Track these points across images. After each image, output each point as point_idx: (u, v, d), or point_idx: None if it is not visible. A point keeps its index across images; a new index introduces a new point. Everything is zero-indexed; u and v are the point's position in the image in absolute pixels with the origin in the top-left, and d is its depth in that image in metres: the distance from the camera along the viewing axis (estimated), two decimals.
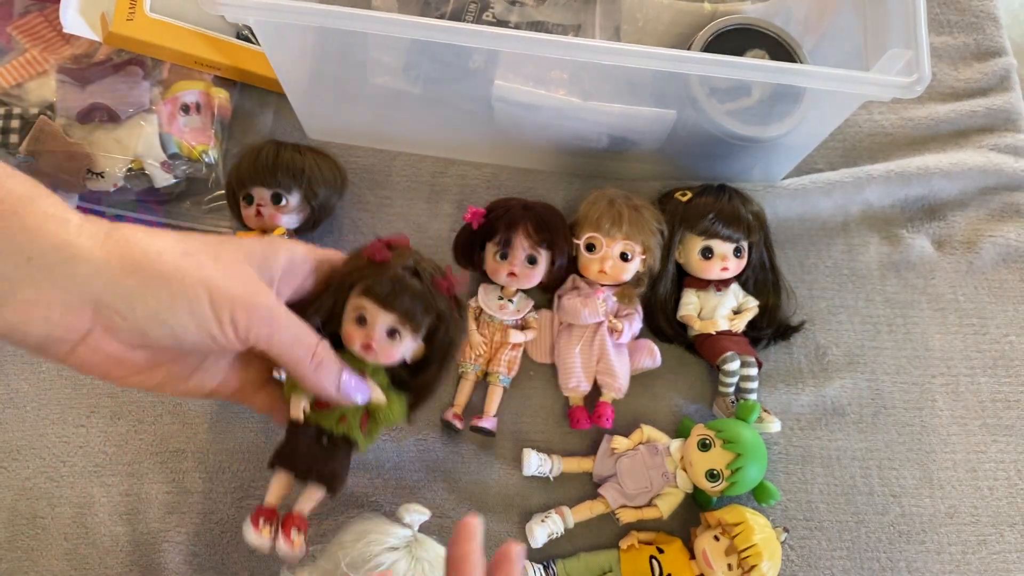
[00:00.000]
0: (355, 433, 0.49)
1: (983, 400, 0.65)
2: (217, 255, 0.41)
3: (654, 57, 0.51)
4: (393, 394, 0.50)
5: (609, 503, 0.58)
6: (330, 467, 0.49)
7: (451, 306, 0.50)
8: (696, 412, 0.63)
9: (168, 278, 0.39)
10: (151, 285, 0.39)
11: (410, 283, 0.48)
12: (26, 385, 0.62)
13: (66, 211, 0.38)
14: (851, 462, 0.63)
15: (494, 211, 0.62)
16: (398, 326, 0.48)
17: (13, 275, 0.36)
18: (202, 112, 0.65)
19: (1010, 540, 0.62)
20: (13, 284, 0.36)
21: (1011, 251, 0.69)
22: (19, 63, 0.64)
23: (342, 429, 0.49)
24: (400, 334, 0.48)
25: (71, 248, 0.37)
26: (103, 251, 0.38)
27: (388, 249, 0.49)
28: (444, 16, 0.68)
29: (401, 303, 0.47)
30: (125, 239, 0.39)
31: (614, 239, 0.61)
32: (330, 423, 0.49)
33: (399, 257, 0.49)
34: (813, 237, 0.69)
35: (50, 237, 0.36)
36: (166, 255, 0.39)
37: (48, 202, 0.37)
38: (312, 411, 0.49)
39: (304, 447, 0.48)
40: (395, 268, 0.48)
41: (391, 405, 0.49)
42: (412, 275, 0.48)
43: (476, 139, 0.68)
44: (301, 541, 0.48)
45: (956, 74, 0.77)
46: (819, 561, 0.60)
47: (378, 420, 0.50)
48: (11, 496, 0.59)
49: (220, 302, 0.40)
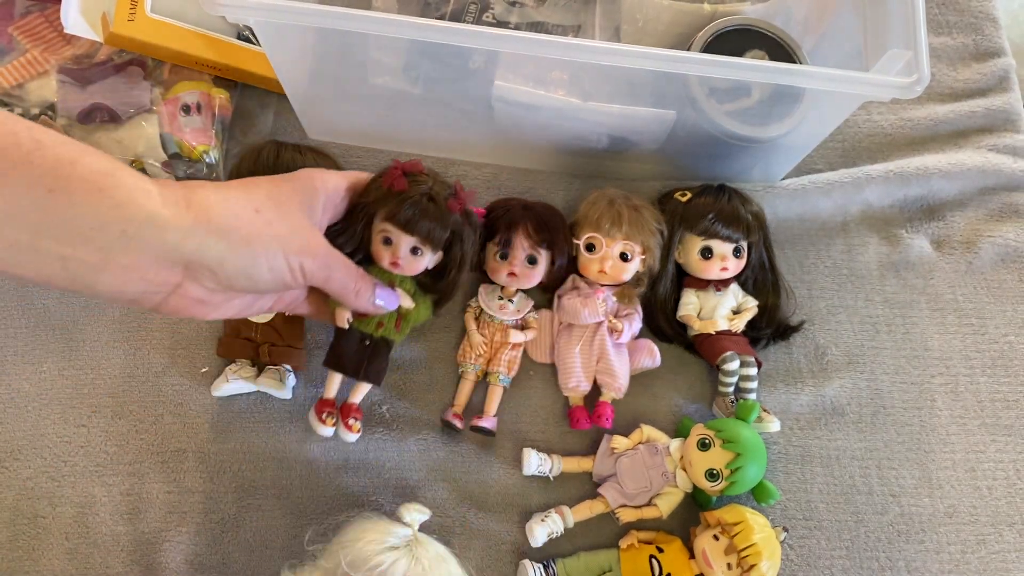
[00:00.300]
0: (391, 334, 0.58)
1: (982, 400, 0.66)
2: (278, 205, 0.47)
3: (654, 58, 0.51)
4: (419, 297, 0.58)
5: (609, 503, 0.59)
6: (373, 366, 0.58)
7: (464, 222, 0.57)
8: (696, 412, 0.63)
9: (251, 241, 0.45)
10: (236, 247, 0.44)
11: (427, 207, 0.55)
12: (27, 385, 0.62)
13: (145, 181, 0.41)
14: (850, 462, 0.63)
15: (494, 211, 0.63)
16: (419, 245, 0.56)
17: (110, 246, 0.40)
18: (203, 112, 0.65)
19: (1009, 539, 0.62)
20: (109, 253, 0.40)
21: (1010, 251, 0.70)
22: (20, 63, 0.64)
23: (380, 332, 0.57)
24: (421, 251, 0.56)
25: (160, 218, 0.40)
26: (189, 218, 0.42)
27: (405, 176, 0.55)
28: (444, 17, 0.68)
29: (421, 227, 0.55)
30: (204, 204, 0.43)
31: (614, 239, 0.61)
32: (370, 328, 0.57)
33: (415, 184, 0.55)
34: (812, 237, 0.70)
35: (139, 210, 0.40)
36: (243, 217, 0.45)
37: (127, 174, 0.40)
38: (354, 320, 0.57)
39: (350, 350, 0.57)
40: (413, 194, 0.55)
41: (418, 308, 0.58)
42: (428, 200, 0.55)
43: (476, 139, 0.68)
44: (358, 426, 0.58)
45: (955, 75, 0.77)
46: (818, 560, 0.60)
47: (408, 320, 0.58)
48: (12, 495, 0.59)
49: (291, 256, 0.47)
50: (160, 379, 0.62)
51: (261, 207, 0.46)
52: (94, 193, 0.39)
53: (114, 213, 0.39)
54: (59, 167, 0.38)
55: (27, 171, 0.37)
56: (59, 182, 0.38)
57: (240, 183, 0.48)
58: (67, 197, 0.38)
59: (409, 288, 0.58)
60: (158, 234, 0.41)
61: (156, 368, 0.62)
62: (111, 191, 0.39)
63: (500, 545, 0.59)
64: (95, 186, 0.39)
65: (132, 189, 0.40)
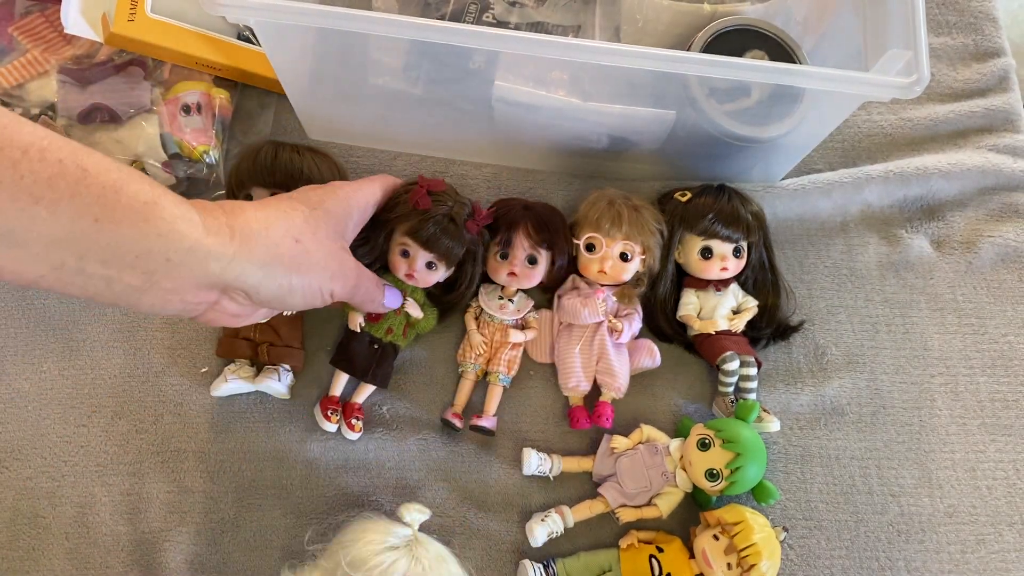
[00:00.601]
0: (399, 340, 0.61)
1: (982, 400, 0.66)
2: (315, 231, 0.49)
3: (653, 58, 0.51)
4: (427, 308, 0.62)
5: (609, 502, 0.59)
6: (381, 369, 0.61)
7: (478, 242, 0.61)
8: (695, 412, 0.63)
9: (288, 269, 0.47)
10: (275, 277, 0.46)
11: (447, 227, 0.58)
12: (27, 385, 0.62)
13: (188, 209, 0.42)
14: (850, 461, 0.63)
15: (494, 211, 0.63)
16: (435, 261, 0.59)
17: (153, 271, 0.41)
18: (203, 112, 0.65)
19: (1009, 539, 0.62)
20: (153, 277, 0.41)
21: (1010, 251, 0.70)
22: (20, 64, 0.64)
23: (389, 338, 0.61)
24: (436, 266, 0.59)
25: (203, 248, 0.42)
26: (232, 248, 0.43)
27: (429, 195, 0.58)
28: (444, 17, 0.68)
29: (440, 245, 0.58)
30: (247, 232, 0.45)
31: (614, 239, 0.61)
32: (379, 333, 0.60)
33: (438, 203, 0.58)
34: (812, 237, 0.70)
35: (183, 239, 0.41)
36: (283, 246, 0.47)
37: (170, 202, 0.41)
38: (366, 324, 0.60)
39: (360, 353, 0.60)
40: (435, 214, 0.58)
41: (426, 317, 0.61)
42: (449, 221, 0.58)
43: (476, 139, 0.68)
44: (360, 425, 0.60)
45: (955, 75, 0.77)
46: (818, 560, 0.60)
47: (416, 328, 0.62)
48: (13, 496, 0.59)
49: (324, 283, 0.50)
50: (160, 379, 0.62)
51: (301, 235, 0.48)
52: (139, 223, 0.40)
53: (158, 242, 0.40)
54: (104, 196, 0.39)
55: (73, 202, 0.38)
56: (105, 211, 0.39)
57: (279, 204, 0.49)
58: (113, 226, 0.39)
59: (419, 298, 0.61)
60: (201, 263, 0.42)
61: (156, 368, 0.63)
62: (155, 221, 0.40)
63: (500, 545, 0.59)
64: (140, 216, 0.40)
65: (176, 219, 0.41)
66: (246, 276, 0.44)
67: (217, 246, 0.43)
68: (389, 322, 0.60)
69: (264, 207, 0.48)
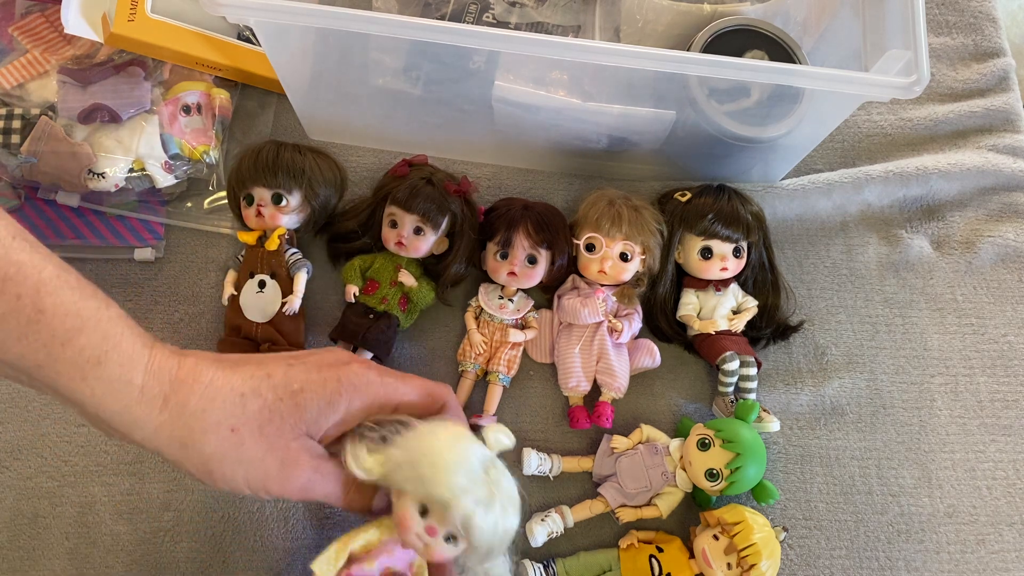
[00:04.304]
0: (395, 310, 0.61)
1: (982, 400, 0.66)
2: (267, 423, 0.45)
3: (653, 58, 0.51)
4: (424, 281, 0.62)
5: (609, 502, 0.59)
6: (373, 334, 0.60)
7: (462, 206, 0.61)
8: (695, 412, 0.63)
9: (208, 457, 0.45)
10: (191, 458, 0.45)
11: (425, 189, 0.60)
12: None
13: (133, 370, 0.43)
14: (850, 461, 0.63)
15: (494, 211, 0.63)
16: (421, 224, 0.60)
17: (90, 418, 0.44)
18: (203, 113, 0.65)
19: (1008, 539, 0.62)
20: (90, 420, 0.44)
21: (1009, 251, 0.70)
22: (20, 64, 0.64)
23: (383, 307, 0.61)
24: (424, 231, 0.60)
25: (130, 416, 0.43)
26: (158, 419, 0.44)
27: (408, 166, 0.62)
28: (444, 17, 0.68)
29: (419, 205, 0.59)
30: (180, 407, 0.44)
31: (614, 239, 0.61)
32: (374, 303, 0.61)
33: (417, 170, 0.62)
34: (812, 237, 0.70)
35: (114, 404, 0.43)
36: (211, 434, 0.44)
37: (118, 360, 0.42)
38: (360, 295, 0.61)
39: (354, 321, 0.61)
40: (413, 178, 0.60)
41: (421, 288, 0.62)
42: (427, 183, 0.60)
43: (476, 139, 0.68)
44: None
45: (955, 75, 0.77)
46: (818, 560, 0.61)
47: (414, 301, 0.62)
48: (13, 495, 0.59)
49: (253, 480, 0.46)
50: None
51: (242, 425, 0.45)
52: (76, 380, 0.41)
53: (91, 400, 0.42)
54: (51, 347, 0.40)
55: (21, 344, 0.40)
56: (49, 360, 0.41)
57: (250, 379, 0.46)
58: (54, 376, 0.41)
59: (415, 271, 0.62)
60: (127, 427, 0.44)
61: None
62: (92, 381, 0.42)
63: None
64: (79, 373, 0.41)
65: (114, 381, 0.42)
66: (165, 450, 0.44)
67: (143, 416, 0.43)
68: (384, 292, 0.61)
69: (232, 374, 0.45)
